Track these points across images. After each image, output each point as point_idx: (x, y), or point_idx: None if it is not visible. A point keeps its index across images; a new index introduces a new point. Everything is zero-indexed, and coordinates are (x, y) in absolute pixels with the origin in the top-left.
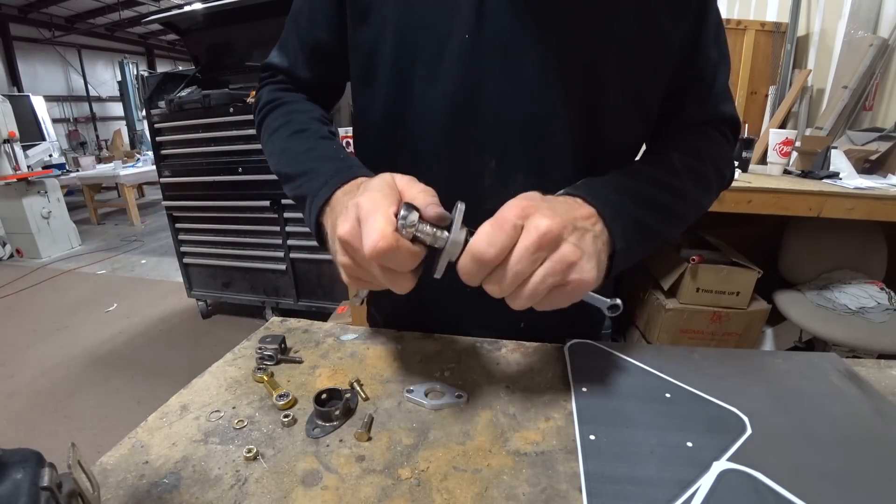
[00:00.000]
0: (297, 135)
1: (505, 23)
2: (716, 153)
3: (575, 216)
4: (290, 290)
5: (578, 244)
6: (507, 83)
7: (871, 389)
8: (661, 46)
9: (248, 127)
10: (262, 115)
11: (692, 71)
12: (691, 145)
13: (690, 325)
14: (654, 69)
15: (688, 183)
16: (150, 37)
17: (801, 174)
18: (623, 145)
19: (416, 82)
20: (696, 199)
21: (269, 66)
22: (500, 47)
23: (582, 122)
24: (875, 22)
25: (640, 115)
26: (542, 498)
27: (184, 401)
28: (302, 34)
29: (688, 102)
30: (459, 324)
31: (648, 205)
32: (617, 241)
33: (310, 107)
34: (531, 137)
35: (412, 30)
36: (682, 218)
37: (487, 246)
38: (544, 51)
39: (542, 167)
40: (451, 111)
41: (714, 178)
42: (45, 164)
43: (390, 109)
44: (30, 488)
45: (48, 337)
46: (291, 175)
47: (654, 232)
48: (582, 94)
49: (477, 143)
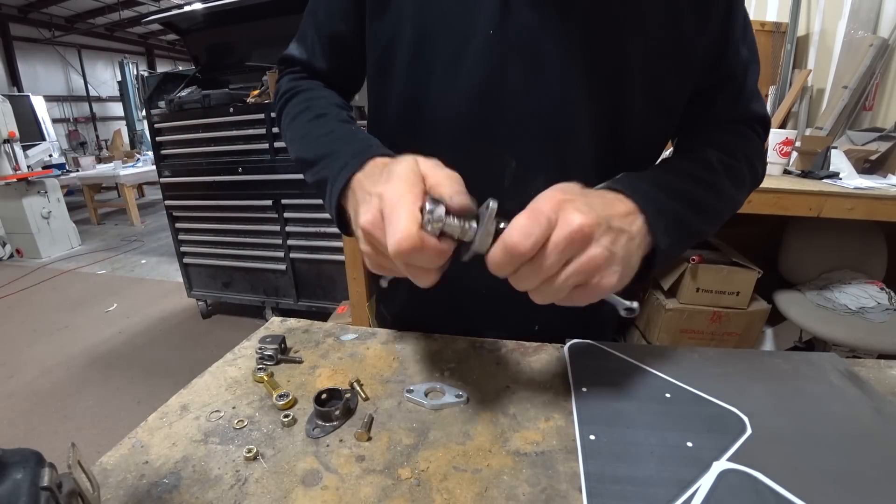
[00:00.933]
0: (316, 119)
1: (530, 19)
2: (750, 151)
3: (612, 213)
4: (290, 290)
5: (610, 246)
6: (530, 81)
7: (871, 389)
8: (686, 49)
9: (248, 127)
10: (282, 103)
11: (722, 69)
12: (727, 143)
13: (690, 325)
14: (679, 71)
15: (725, 180)
16: (150, 37)
17: (801, 174)
18: (645, 147)
19: (435, 78)
20: (732, 197)
21: (287, 58)
22: (524, 44)
23: (604, 122)
24: (875, 22)
25: (663, 116)
26: (542, 498)
27: (184, 401)
28: (319, 25)
29: (719, 100)
30: (473, 325)
31: (689, 202)
32: (660, 239)
33: (328, 93)
34: (553, 138)
35: (432, 25)
36: (719, 215)
37: (523, 238)
38: (569, 48)
39: (562, 168)
40: (472, 108)
41: (748, 176)
42: (45, 164)
43: (407, 104)
44: (30, 488)
45: (48, 337)
46: (311, 160)
47: (693, 229)
48: (605, 94)
49: (498, 143)
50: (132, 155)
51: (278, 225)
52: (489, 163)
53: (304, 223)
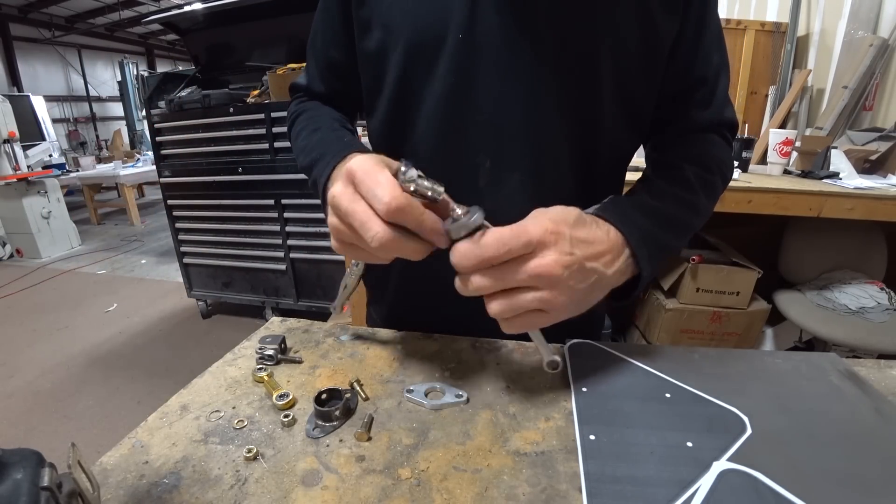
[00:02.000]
0: (313, 132)
1: (497, 23)
2: (720, 160)
3: (591, 254)
4: (290, 290)
5: (574, 286)
6: (500, 83)
7: (871, 389)
8: (655, 47)
9: (248, 127)
10: (290, 125)
11: (695, 75)
12: (701, 155)
13: (690, 325)
14: (648, 69)
15: (702, 198)
16: (150, 37)
17: (801, 174)
18: (617, 144)
19: (417, 86)
20: (706, 211)
21: (294, 87)
22: (492, 47)
23: (577, 122)
24: (875, 22)
25: (634, 116)
26: (542, 498)
27: (184, 401)
28: (317, 53)
29: (692, 107)
30: (458, 325)
31: (672, 225)
32: (644, 267)
33: (327, 110)
34: (526, 137)
35: (412, 35)
36: (692, 230)
37: (497, 243)
38: (538, 51)
39: (537, 167)
40: (445, 111)
41: (720, 186)
42: (45, 164)
43: (393, 115)
44: (30, 488)
45: (48, 337)
46: (307, 166)
47: (672, 249)
48: (577, 94)
49: (471, 143)
50: (132, 155)
51: (278, 225)
52: (464, 163)
53: (304, 223)
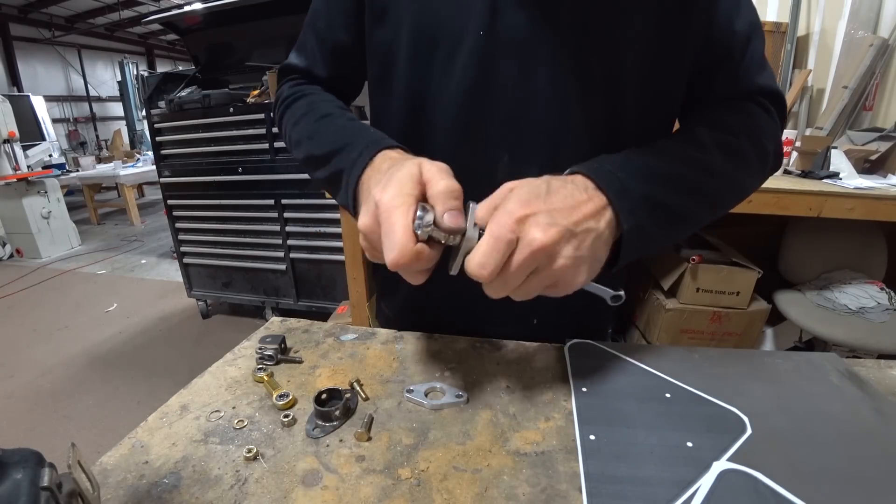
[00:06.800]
0: (322, 119)
1: (518, 19)
2: (753, 126)
3: (576, 218)
4: (290, 290)
5: (575, 253)
6: (521, 79)
7: (871, 389)
8: (676, 39)
9: (248, 127)
10: (283, 108)
11: (717, 45)
12: (723, 120)
13: (690, 325)
14: (672, 62)
15: (717, 157)
16: (150, 37)
17: (801, 174)
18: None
19: (433, 80)
20: (730, 175)
21: (287, 68)
22: (513, 43)
23: (598, 116)
24: (875, 22)
25: (658, 103)
26: (542, 498)
27: (184, 401)
28: (320, 35)
29: (717, 82)
30: (471, 321)
31: (667, 180)
32: (624, 219)
33: (330, 96)
34: (545, 133)
35: (428, 28)
36: (714, 196)
37: (480, 268)
38: (559, 47)
39: (555, 161)
40: (464, 106)
41: (754, 154)
42: (45, 164)
43: (407, 107)
44: (30, 488)
45: (48, 337)
46: (323, 155)
47: (675, 211)
48: (598, 88)
49: (490, 138)
50: (132, 155)
51: (278, 225)
52: (482, 158)
53: (305, 223)
